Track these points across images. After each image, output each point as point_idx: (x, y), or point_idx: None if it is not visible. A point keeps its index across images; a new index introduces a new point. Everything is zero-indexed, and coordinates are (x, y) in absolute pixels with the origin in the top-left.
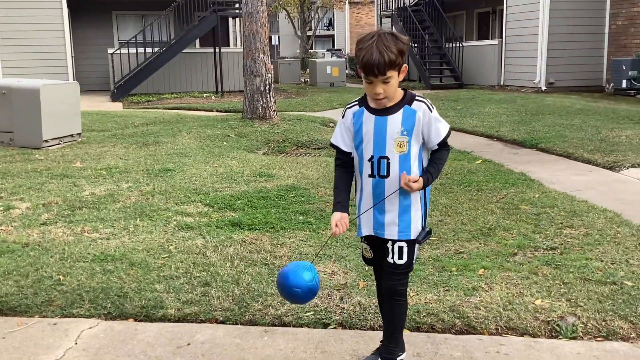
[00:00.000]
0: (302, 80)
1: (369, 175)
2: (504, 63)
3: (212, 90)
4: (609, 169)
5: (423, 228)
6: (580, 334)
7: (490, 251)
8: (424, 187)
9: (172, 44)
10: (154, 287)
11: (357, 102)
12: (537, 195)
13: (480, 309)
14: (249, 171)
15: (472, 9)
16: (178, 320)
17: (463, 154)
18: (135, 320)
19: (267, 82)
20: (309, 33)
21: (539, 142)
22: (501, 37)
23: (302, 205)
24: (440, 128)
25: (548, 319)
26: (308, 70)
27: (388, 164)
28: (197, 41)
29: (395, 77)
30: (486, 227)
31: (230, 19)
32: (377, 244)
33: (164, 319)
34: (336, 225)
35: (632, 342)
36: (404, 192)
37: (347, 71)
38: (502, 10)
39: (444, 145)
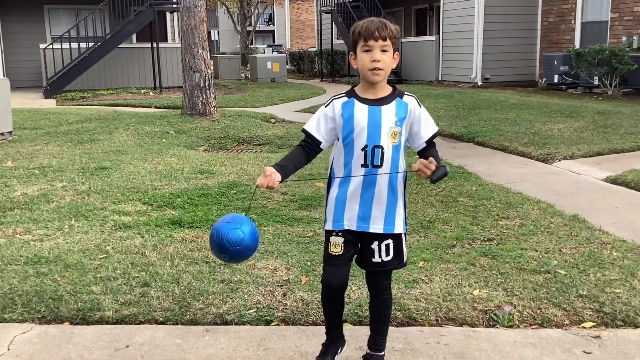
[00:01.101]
0: (243, 76)
1: (362, 165)
2: (441, 59)
3: (150, 86)
4: (542, 161)
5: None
6: (517, 322)
7: (430, 243)
8: (436, 166)
9: (108, 38)
10: (91, 289)
11: (345, 94)
12: (474, 188)
13: (420, 300)
14: (189, 168)
15: (410, 6)
16: (116, 323)
17: None
18: (71, 323)
19: (206, 77)
20: (249, 28)
21: (476, 136)
22: (439, 34)
23: (244, 202)
24: (429, 124)
25: (486, 308)
26: (249, 65)
27: (382, 154)
28: (134, 36)
29: (390, 54)
30: (426, 220)
31: (168, 14)
32: (353, 241)
33: (101, 321)
34: (265, 175)
35: (565, 329)
36: (393, 187)
37: (288, 67)
38: (439, 7)
39: (432, 144)
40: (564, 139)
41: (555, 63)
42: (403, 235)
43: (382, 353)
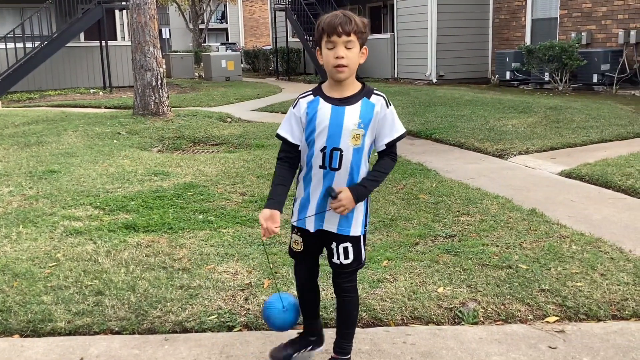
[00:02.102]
0: (197, 74)
1: (320, 167)
2: (396, 56)
3: (100, 86)
4: (498, 156)
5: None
6: (482, 319)
7: (393, 242)
8: (356, 202)
9: (54, 38)
10: (41, 299)
11: (311, 92)
12: (434, 185)
13: (385, 300)
14: (143, 170)
15: (364, 3)
16: (69, 334)
17: None
18: (21, 336)
19: (158, 76)
20: (202, 26)
21: (433, 132)
22: (393, 31)
23: (202, 204)
24: (394, 127)
25: (450, 306)
26: (202, 64)
27: (340, 156)
28: (82, 35)
29: (356, 49)
30: (388, 218)
31: (117, 11)
32: (313, 239)
33: (53, 333)
34: (266, 227)
35: (529, 324)
36: None
37: (242, 65)
38: (393, 4)
39: (392, 148)
40: (518, 134)
41: (507, 60)
42: (362, 237)
43: (348, 356)
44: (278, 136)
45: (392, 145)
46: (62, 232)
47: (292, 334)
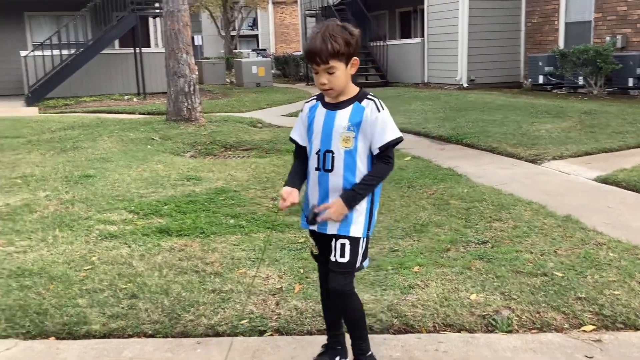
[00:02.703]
0: (228, 80)
1: (315, 168)
2: (427, 61)
3: (134, 92)
4: (531, 162)
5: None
6: (516, 327)
7: (424, 247)
8: (348, 207)
9: (90, 45)
10: (77, 302)
11: (315, 97)
12: (465, 190)
13: (417, 306)
14: (176, 175)
15: (394, 9)
16: (104, 337)
17: None
18: (57, 338)
19: (191, 82)
20: (233, 33)
21: (464, 137)
22: (423, 36)
23: (233, 209)
24: (386, 131)
25: (483, 313)
26: (233, 70)
27: (333, 158)
28: (117, 42)
29: (341, 69)
30: (419, 224)
31: (151, 19)
32: (322, 242)
33: (88, 335)
34: (284, 198)
35: (565, 333)
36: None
37: (273, 71)
38: (423, 9)
39: (385, 152)
40: (552, 139)
41: (540, 64)
42: (362, 240)
43: (369, 352)
44: (290, 139)
45: (385, 149)
46: (97, 235)
47: (324, 340)
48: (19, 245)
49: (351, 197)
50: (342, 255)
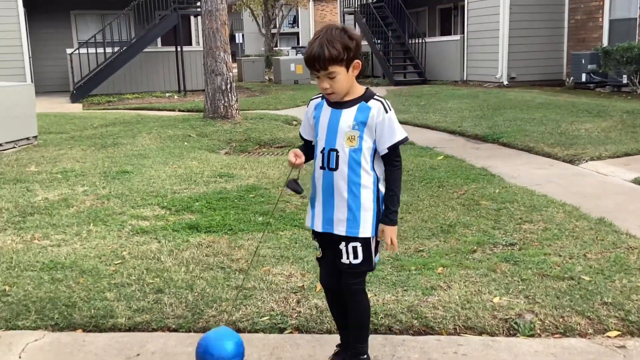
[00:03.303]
0: (267, 78)
1: (320, 167)
2: (466, 58)
3: (175, 90)
4: (568, 162)
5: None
6: (538, 331)
7: (449, 249)
8: (394, 225)
9: (133, 43)
10: (104, 296)
11: (320, 95)
12: (497, 191)
13: (438, 308)
14: (209, 172)
15: (434, 5)
16: (128, 330)
17: (425, 150)
18: (84, 331)
19: (228, 80)
20: (274, 31)
21: (501, 136)
22: (463, 33)
23: (262, 206)
24: (395, 130)
25: (506, 316)
26: (272, 68)
27: (337, 157)
28: (159, 40)
29: (342, 73)
30: (446, 224)
31: (192, 17)
32: (327, 243)
33: (113, 328)
34: (296, 155)
35: (589, 338)
36: (353, 190)
37: None
38: (464, 6)
39: (394, 152)
40: (591, 139)
41: (583, 62)
42: (372, 239)
43: (364, 356)
44: (300, 135)
45: (394, 149)
46: (129, 230)
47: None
48: (53, 239)
49: (391, 217)
50: (356, 257)
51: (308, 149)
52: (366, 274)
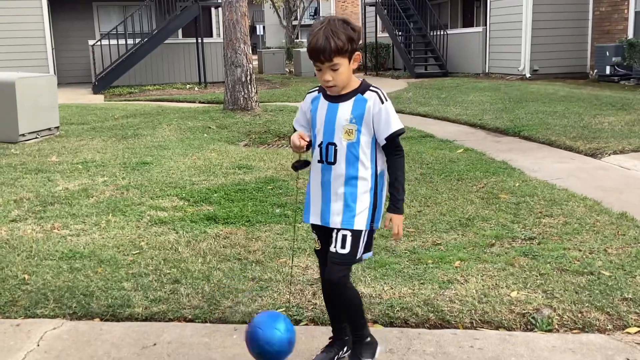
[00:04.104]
0: (287, 70)
1: (318, 161)
2: (488, 50)
3: (195, 82)
4: (590, 156)
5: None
6: (556, 327)
7: (467, 242)
8: (401, 213)
9: (154, 34)
10: (122, 285)
11: (317, 88)
12: (517, 184)
13: (455, 302)
14: (228, 163)
15: None
16: (145, 319)
17: (445, 143)
18: (101, 320)
19: (248, 72)
20: (295, 22)
21: (522, 129)
22: (485, 25)
23: (280, 198)
24: (391, 121)
25: (523, 311)
26: (293, 60)
27: (335, 151)
28: (180, 32)
29: (344, 65)
30: (465, 218)
31: (213, 9)
32: (325, 236)
33: (131, 318)
34: (301, 137)
35: (608, 334)
36: (350, 184)
37: None
38: None
39: (393, 143)
40: (615, 132)
41: (607, 54)
42: (364, 232)
43: (367, 339)
44: (294, 128)
45: (392, 139)
46: (148, 221)
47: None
48: (73, 229)
49: (399, 205)
50: (343, 246)
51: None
52: (350, 268)
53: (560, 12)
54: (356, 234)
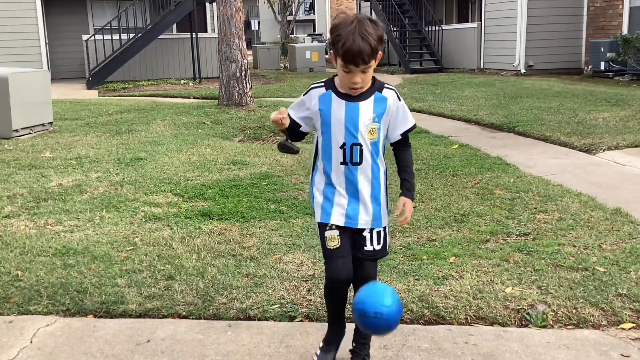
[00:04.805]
0: (282, 65)
1: (341, 163)
2: (483, 46)
3: (190, 77)
4: (585, 151)
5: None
6: (551, 322)
7: (462, 238)
8: (413, 199)
9: (148, 29)
10: (116, 282)
11: (323, 84)
12: (512, 180)
13: (449, 298)
14: (223, 159)
15: None
16: (139, 316)
17: (440, 138)
18: (95, 316)
19: (242, 67)
20: (290, 18)
21: (517, 125)
22: (480, 20)
23: (275, 194)
24: (408, 117)
25: (518, 307)
26: (288, 55)
27: (361, 151)
28: (174, 27)
29: (373, 66)
30: (459, 214)
31: (207, 4)
32: (345, 235)
33: (124, 314)
34: (279, 113)
35: (602, 330)
36: (375, 182)
37: (326, 56)
38: None
39: (407, 138)
40: (609, 128)
41: (602, 50)
42: (387, 226)
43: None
44: (288, 113)
45: (406, 135)
46: (142, 217)
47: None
48: (66, 225)
49: (412, 189)
50: (379, 242)
51: (294, 128)
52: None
53: (555, 8)
54: (385, 230)
